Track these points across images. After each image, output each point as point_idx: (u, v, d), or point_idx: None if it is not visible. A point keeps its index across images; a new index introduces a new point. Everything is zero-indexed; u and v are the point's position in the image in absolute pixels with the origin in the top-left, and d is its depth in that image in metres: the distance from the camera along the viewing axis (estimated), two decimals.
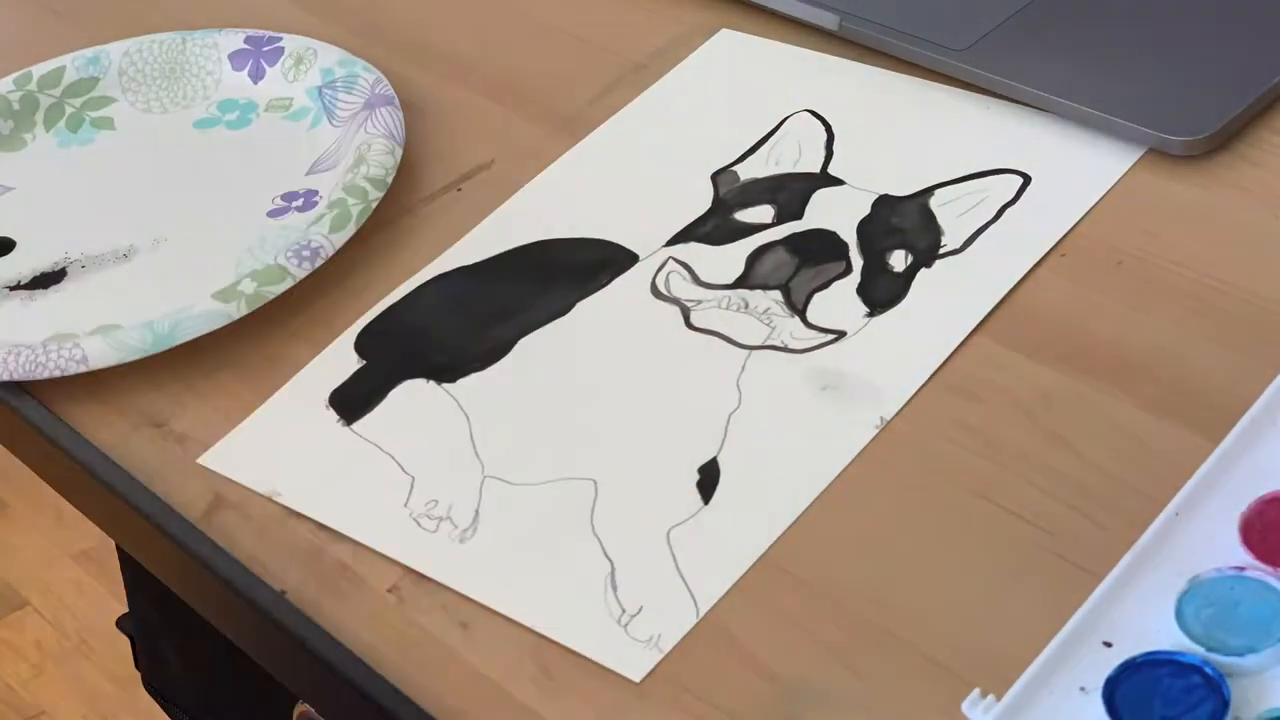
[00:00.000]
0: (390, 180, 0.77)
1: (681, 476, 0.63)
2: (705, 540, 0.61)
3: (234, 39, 0.88)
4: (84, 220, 0.81)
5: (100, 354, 0.71)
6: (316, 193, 0.79)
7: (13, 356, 0.71)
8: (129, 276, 0.77)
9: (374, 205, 0.76)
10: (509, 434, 0.66)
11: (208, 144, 0.85)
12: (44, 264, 0.79)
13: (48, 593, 1.92)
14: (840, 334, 0.67)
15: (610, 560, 0.60)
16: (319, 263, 0.73)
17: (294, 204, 0.79)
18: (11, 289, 0.77)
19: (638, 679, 0.57)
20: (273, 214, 0.78)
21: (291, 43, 0.87)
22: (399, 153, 0.78)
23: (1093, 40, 0.77)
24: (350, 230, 0.74)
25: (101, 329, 0.73)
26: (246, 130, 0.85)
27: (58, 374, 0.71)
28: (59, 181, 0.84)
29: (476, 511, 0.63)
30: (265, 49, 0.87)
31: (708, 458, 0.63)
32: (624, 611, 0.59)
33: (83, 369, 0.71)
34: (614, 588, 0.60)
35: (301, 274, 0.73)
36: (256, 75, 0.87)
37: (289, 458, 0.67)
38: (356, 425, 0.67)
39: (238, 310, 0.72)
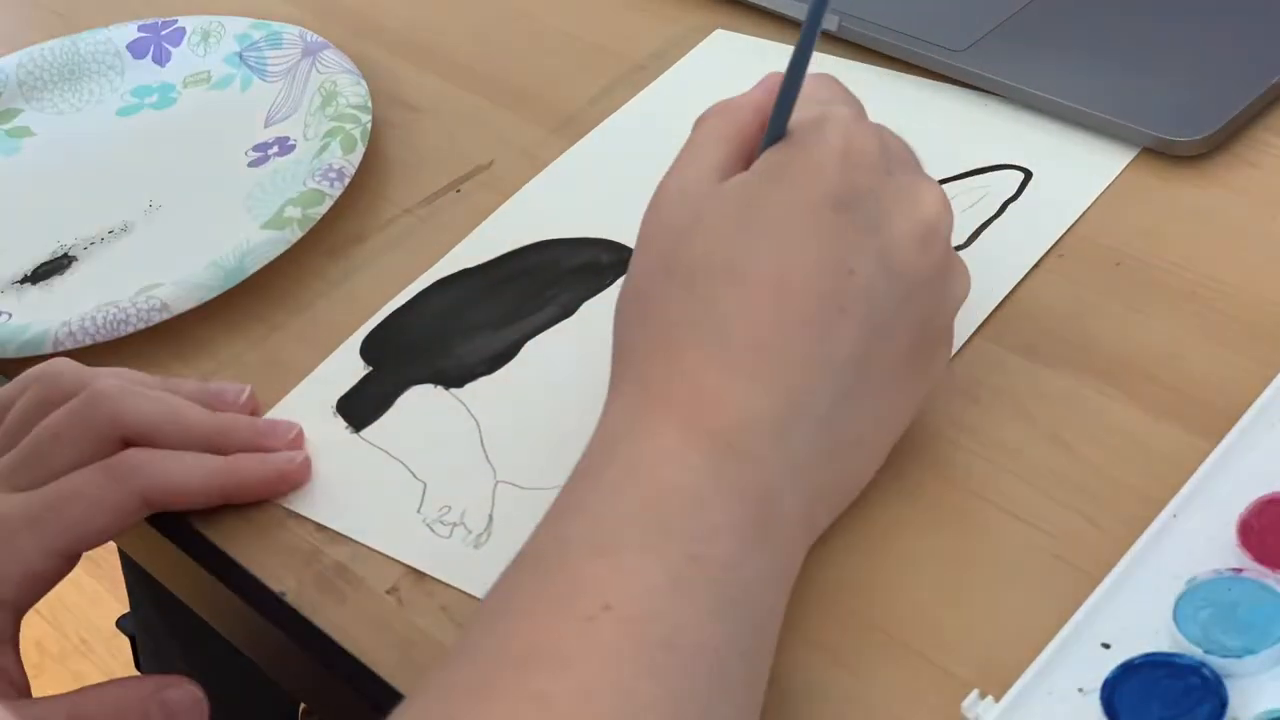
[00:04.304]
0: (370, 106, 0.80)
1: None
2: None
3: (127, 31, 0.89)
4: (54, 216, 0.81)
5: (176, 298, 0.72)
6: (288, 138, 0.81)
7: (88, 319, 0.71)
8: (142, 243, 0.78)
9: (369, 127, 0.79)
10: (520, 438, 0.66)
11: (141, 128, 0.85)
12: (43, 255, 0.79)
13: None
14: None
15: None
16: (346, 182, 0.76)
17: (270, 151, 0.81)
18: (20, 283, 0.77)
19: None
20: (253, 165, 0.80)
21: (191, 21, 0.88)
22: (365, 84, 0.82)
23: (1092, 40, 0.77)
24: (360, 150, 0.77)
25: (145, 289, 0.73)
26: (174, 108, 0.86)
27: (142, 325, 0.71)
28: (4, 193, 0.84)
29: (490, 516, 0.63)
30: (164, 32, 0.88)
31: None
32: None
33: (166, 316, 0.71)
34: None
35: (335, 193, 0.75)
36: (161, 58, 0.88)
37: None
38: (365, 432, 0.67)
39: (293, 234, 0.74)
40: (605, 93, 0.82)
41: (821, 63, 0.80)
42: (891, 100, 0.78)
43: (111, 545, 0.70)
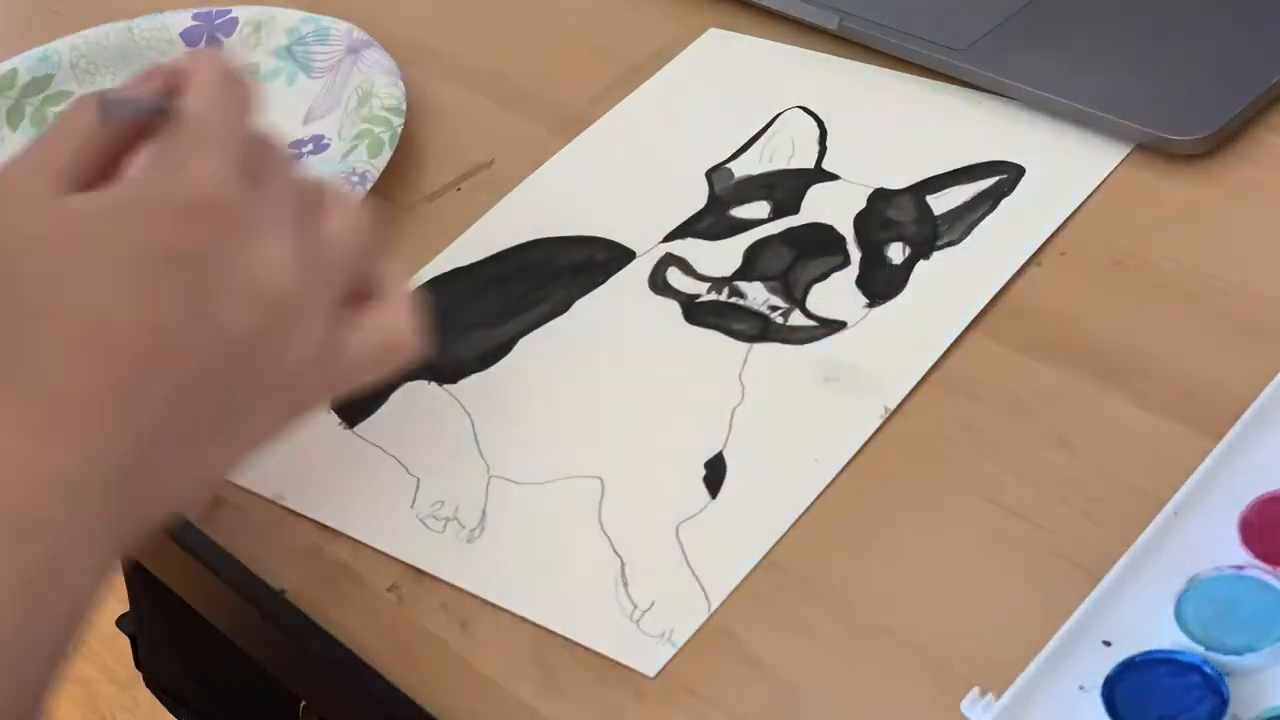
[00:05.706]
0: (404, 109, 0.79)
1: (688, 472, 0.63)
2: (715, 534, 0.61)
3: (182, 18, 0.89)
4: None
5: None
6: (323, 136, 0.81)
7: None
8: None
9: (400, 131, 0.78)
10: (513, 433, 0.66)
11: None
12: None
13: None
14: (841, 324, 0.67)
15: (620, 557, 0.60)
16: (369, 185, 0.76)
17: (304, 150, 0.81)
18: None
19: (652, 674, 0.57)
20: None
21: (244, 12, 0.88)
22: (402, 85, 0.81)
23: (1093, 39, 0.77)
24: (387, 154, 0.77)
25: None
26: None
27: None
28: None
29: (483, 511, 0.63)
30: (217, 21, 0.88)
31: (713, 452, 0.63)
32: (636, 607, 0.59)
33: None
34: (625, 584, 0.60)
35: (358, 196, 0.74)
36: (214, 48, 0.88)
37: (292, 461, 0.67)
38: (359, 428, 0.67)
39: None
40: (606, 92, 0.82)
41: (810, 60, 0.81)
42: (883, 96, 0.78)
43: None
